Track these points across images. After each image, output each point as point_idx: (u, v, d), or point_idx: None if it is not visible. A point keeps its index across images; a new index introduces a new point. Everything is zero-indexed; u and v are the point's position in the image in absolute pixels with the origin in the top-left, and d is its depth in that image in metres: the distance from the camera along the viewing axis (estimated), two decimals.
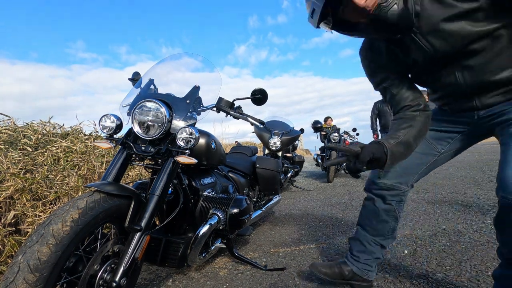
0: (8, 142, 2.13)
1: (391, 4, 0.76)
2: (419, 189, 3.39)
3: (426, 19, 0.81)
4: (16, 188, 1.66)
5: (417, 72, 0.98)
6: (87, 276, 0.90)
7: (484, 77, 0.83)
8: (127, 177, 2.65)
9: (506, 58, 0.78)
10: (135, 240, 1.00)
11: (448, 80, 0.90)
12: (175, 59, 1.48)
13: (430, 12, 0.80)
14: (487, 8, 0.73)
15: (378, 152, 0.86)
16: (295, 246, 1.87)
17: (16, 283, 0.73)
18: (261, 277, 1.46)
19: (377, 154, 0.85)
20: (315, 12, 0.80)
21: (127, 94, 1.33)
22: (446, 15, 0.77)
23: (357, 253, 1.23)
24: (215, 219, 1.39)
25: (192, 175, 1.55)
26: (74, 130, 2.84)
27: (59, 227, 0.81)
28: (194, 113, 1.27)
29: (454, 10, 0.76)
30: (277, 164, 2.42)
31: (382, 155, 0.86)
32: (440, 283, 1.27)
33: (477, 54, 0.80)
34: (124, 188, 1.02)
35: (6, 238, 1.46)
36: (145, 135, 1.15)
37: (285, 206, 3.19)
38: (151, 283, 1.46)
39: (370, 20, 0.80)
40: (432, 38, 0.83)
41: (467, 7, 0.74)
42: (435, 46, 0.84)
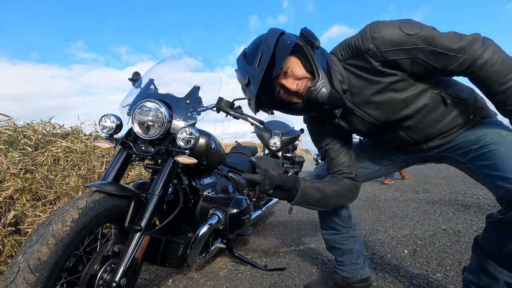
0: (8, 142, 2.13)
1: (319, 87, 0.82)
2: (419, 189, 3.40)
3: (359, 95, 0.90)
4: (16, 188, 1.66)
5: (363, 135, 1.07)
6: (87, 276, 0.90)
7: (424, 132, 0.94)
8: (127, 177, 2.65)
9: (435, 115, 0.89)
10: (135, 240, 0.99)
11: (394, 138, 1.00)
12: (175, 59, 1.48)
13: (360, 89, 0.90)
14: (406, 78, 0.84)
15: (289, 184, 0.89)
16: (295, 246, 1.87)
17: (16, 283, 0.73)
18: (261, 277, 1.46)
19: (288, 185, 0.88)
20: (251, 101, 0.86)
21: (127, 94, 1.33)
22: (374, 90, 0.87)
23: (340, 258, 1.24)
24: (215, 219, 1.39)
25: (192, 175, 1.54)
26: (74, 130, 2.84)
27: (59, 227, 0.81)
28: (194, 113, 1.27)
29: (380, 85, 0.86)
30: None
31: (293, 188, 0.89)
32: (440, 283, 1.27)
33: (411, 117, 0.90)
34: (124, 188, 1.02)
35: (6, 238, 1.46)
36: (145, 135, 1.15)
37: (285, 206, 3.19)
38: (151, 283, 1.46)
39: (305, 101, 0.86)
40: (368, 109, 0.92)
41: (389, 80, 0.85)
42: (372, 116, 0.93)
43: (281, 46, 0.83)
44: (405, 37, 0.78)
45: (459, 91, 0.91)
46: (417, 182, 3.96)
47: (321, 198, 0.95)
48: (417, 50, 0.79)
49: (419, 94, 0.86)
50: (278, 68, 0.82)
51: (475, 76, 0.80)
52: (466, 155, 0.90)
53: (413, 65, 0.82)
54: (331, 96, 0.84)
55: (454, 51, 0.78)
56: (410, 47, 0.79)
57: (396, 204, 2.77)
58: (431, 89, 0.87)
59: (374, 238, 1.90)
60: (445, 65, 0.80)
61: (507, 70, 0.77)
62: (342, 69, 0.89)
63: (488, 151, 0.83)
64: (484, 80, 0.80)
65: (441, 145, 0.97)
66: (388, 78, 0.85)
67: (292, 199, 0.90)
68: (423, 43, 0.78)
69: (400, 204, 2.78)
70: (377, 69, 0.84)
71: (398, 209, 2.58)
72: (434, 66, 0.81)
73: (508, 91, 0.77)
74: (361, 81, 0.88)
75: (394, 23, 0.80)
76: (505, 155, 0.78)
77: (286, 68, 0.85)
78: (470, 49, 0.77)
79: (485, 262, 0.81)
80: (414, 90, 0.86)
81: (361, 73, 0.87)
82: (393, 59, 0.81)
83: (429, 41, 0.78)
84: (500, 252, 0.77)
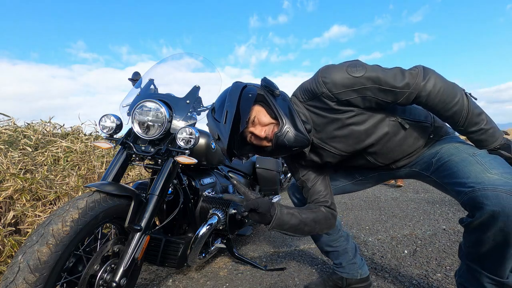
0: (8, 142, 2.13)
1: (284, 132, 0.89)
2: (419, 189, 3.40)
3: (323, 132, 0.97)
4: (16, 188, 1.66)
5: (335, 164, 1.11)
6: (87, 276, 0.90)
7: (389, 156, 1.00)
8: (127, 177, 2.65)
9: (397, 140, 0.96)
10: (135, 240, 1.00)
11: (363, 163, 1.06)
12: (176, 59, 1.48)
13: (323, 126, 0.96)
14: (363, 112, 0.91)
15: (264, 208, 0.92)
16: (295, 246, 1.87)
17: (16, 283, 0.73)
18: (261, 277, 1.46)
19: (263, 209, 0.91)
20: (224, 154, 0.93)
21: (127, 94, 1.33)
22: (336, 126, 0.94)
23: (337, 260, 1.25)
24: (215, 219, 1.39)
25: (192, 175, 1.55)
26: (74, 130, 2.84)
27: (59, 227, 0.81)
28: (194, 113, 1.27)
29: (340, 121, 0.93)
30: (277, 164, 2.42)
31: (267, 213, 0.92)
32: (440, 283, 1.27)
33: (375, 144, 0.96)
34: (124, 188, 1.02)
35: (6, 238, 1.46)
36: (145, 135, 1.15)
37: None
38: (151, 283, 1.46)
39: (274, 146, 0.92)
40: (334, 144, 0.99)
41: (347, 116, 0.91)
42: (339, 148, 0.99)
43: (244, 100, 0.90)
44: (352, 79, 0.85)
45: (416, 115, 0.97)
46: (417, 182, 3.96)
47: (297, 224, 0.98)
48: (365, 89, 0.86)
49: (378, 123, 0.93)
50: (244, 122, 0.88)
51: (423, 105, 0.89)
52: (429, 169, 0.96)
53: (365, 101, 0.89)
54: (297, 139, 0.90)
55: (398, 88, 0.85)
56: (359, 88, 0.86)
57: (396, 204, 2.77)
58: (388, 118, 0.93)
59: (374, 238, 1.90)
60: (393, 99, 0.87)
61: (449, 98, 0.84)
62: (305, 109, 0.96)
63: (445, 162, 0.90)
64: (432, 108, 0.87)
65: (407, 164, 1.05)
66: (345, 114, 0.92)
67: (267, 223, 0.94)
68: (369, 82, 0.85)
69: (400, 204, 2.78)
70: (334, 108, 0.91)
71: (398, 209, 2.58)
72: (384, 101, 0.88)
73: (455, 115, 0.86)
74: (322, 119, 0.95)
75: (342, 67, 0.87)
76: (458, 163, 0.85)
77: (252, 118, 0.92)
78: (413, 84, 0.84)
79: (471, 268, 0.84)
80: (373, 121, 0.93)
81: (321, 112, 0.94)
82: (346, 99, 0.88)
83: (375, 80, 0.85)
84: (478, 254, 0.80)
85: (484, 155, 0.84)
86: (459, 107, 0.85)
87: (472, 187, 0.75)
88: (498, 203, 0.69)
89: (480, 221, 0.73)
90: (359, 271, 1.23)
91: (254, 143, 0.97)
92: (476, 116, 0.86)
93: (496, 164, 0.80)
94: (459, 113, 0.85)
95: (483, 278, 0.81)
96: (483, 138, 0.87)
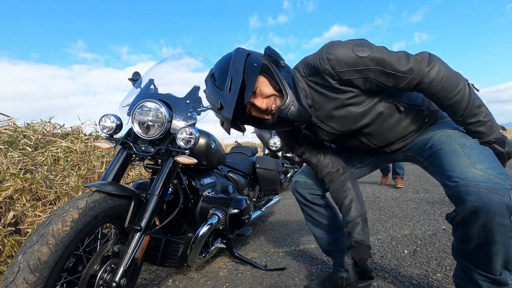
0: (8, 142, 2.13)
1: (288, 106, 0.87)
2: (419, 189, 3.40)
3: (320, 110, 0.97)
4: (16, 188, 1.66)
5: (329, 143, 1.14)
6: (87, 276, 0.90)
7: (383, 137, 1.01)
8: (127, 177, 2.65)
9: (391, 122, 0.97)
10: (135, 240, 0.99)
11: (357, 144, 1.07)
12: (176, 59, 1.48)
13: (321, 104, 0.96)
14: (361, 94, 0.91)
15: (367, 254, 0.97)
16: (295, 246, 1.87)
17: (16, 283, 0.73)
18: (261, 277, 1.46)
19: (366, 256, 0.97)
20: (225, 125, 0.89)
21: (127, 94, 1.33)
22: (334, 105, 0.94)
23: (338, 259, 1.25)
24: (215, 219, 1.39)
25: (192, 175, 1.55)
26: (74, 130, 2.84)
27: (59, 227, 0.81)
28: (194, 113, 1.27)
29: (338, 101, 0.93)
30: (277, 164, 2.42)
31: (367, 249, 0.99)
32: (440, 283, 1.27)
33: (370, 125, 0.97)
34: (124, 188, 1.02)
35: (6, 238, 1.46)
36: (145, 135, 1.15)
37: (285, 206, 3.19)
38: (151, 283, 1.46)
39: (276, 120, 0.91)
40: (330, 123, 0.99)
41: (346, 97, 0.91)
42: (334, 128, 1.00)
43: (249, 69, 0.86)
44: (357, 59, 0.84)
45: (412, 99, 0.97)
46: (417, 182, 3.96)
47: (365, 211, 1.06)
48: (368, 71, 0.85)
49: (375, 105, 0.93)
50: (249, 92, 0.84)
51: (425, 92, 0.88)
52: (422, 155, 0.98)
53: (366, 83, 0.88)
54: (299, 113, 0.89)
55: (402, 72, 0.84)
56: (362, 68, 0.85)
57: (396, 204, 2.77)
58: (385, 100, 0.94)
59: (374, 238, 1.90)
60: (395, 83, 0.86)
61: (452, 86, 0.84)
62: (305, 85, 0.94)
63: (436, 150, 0.90)
64: (434, 95, 0.87)
65: (402, 147, 1.05)
66: (345, 95, 0.91)
67: None
68: (373, 64, 0.84)
69: (400, 204, 2.78)
70: (335, 87, 0.90)
71: (398, 209, 2.58)
72: (385, 84, 0.87)
73: (455, 105, 0.86)
74: (321, 97, 0.94)
75: (348, 45, 0.85)
76: (448, 153, 0.85)
77: (254, 88, 0.88)
78: (417, 70, 0.83)
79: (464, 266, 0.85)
80: (370, 103, 0.93)
81: (321, 89, 0.93)
82: (348, 79, 0.87)
83: (379, 62, 0.84)
84: (467, 251, 0.81)
85: (473, 146, 0.85)
86: (460, 96, 0.84)
87: (456, 182, 0.77)
88: (479, 199, 0.71)
89: (462, 215, 0.76)
90: None
91: (253, 115, 0.95)
92: (476, 108, 0.86)
93: (483, 157, 0.81)
94: (459, 102, 0.85)
95: (476, 276, 0.82)
96: (480, 130, 0.88)
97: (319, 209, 1.21)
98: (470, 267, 0.83)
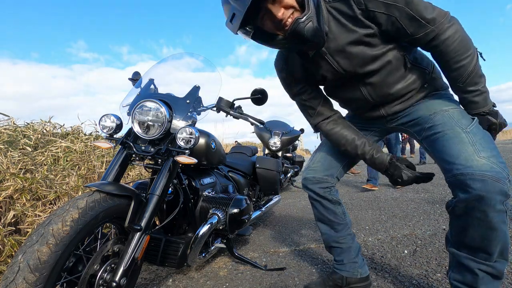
0: (8, 142, 2.13)
1: (306, 20, 0.84)
2: (419, 189, 3.40)
3: (334, 41, 0.94)
4: (16, 188, 1.66)
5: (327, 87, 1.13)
6: (87, 276, 0.90)
7: (383, 91, 1.00)
8: (127, 177, 2.65)
9: (396, 76, 0.97)
10: (135, 240, 0.99)
11: (355, 95, 1.05)
12: (176, 59, 1.48)
13: (336, 34, 0.93)
14: (378, 35, 0.91)
15: None
16: (295, 246, 1.87)
17: (16, 283, 0.73)
18: (261, 277, 1.46)
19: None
20: (236, 17, 0.84)
21: (127, 94, 1.33)
22: (350, 39, 0.92)
23: (338, 257, 1.24)
24: (215, 219, 1.39)
25: (192, 175, 1.55)
26: (74, 130, 2.84)
27: (59, 227, 0.81)
28: (194, 113, 1.27)
29: (355, 35, 0.91)
30: (277, 164, 2.42)
31: None
32: (440, 283, 1.27)
33: (375, 74, 0.97)
34: (124, 188, 1.02)
35: (6, 238, 1.46)
36: (145, 135, 1.15)
37: (285, 206, 3.19)
38: (151, 283, 1.46)
39: (288, 34, 0.87)
40: (338, 58, 0.96)
41: (364, 32, 0.90)
42: (341, 65, 0.97)
43: None
44: None
45: (419, 59, 0.99)
46: None
47: None
48: (395, 8, 0.85)
49: (387, 52, 0.94)
50: None
51: (437, 50, 0.88)
52: (421, 134, 0.98)
53: (388, 23, 0.87)
54: (316, 33, 0.86)
55: (425, 20, 0.84)
56: (390, 3, 0.84)
57: (396, 204, 2.77)
58: (397, 50, 0.94)
59: (374, 238, 1.90)
60: (414, 31, 0.86)
61: (463, 49, 0.85)
62: (325, 11, 0.92)
63: (437, 133, 0.91)
64: (444, 55, 0.87)
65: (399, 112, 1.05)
66: (363, 30, 0.90)
67: None
68: (401, 2, 0.84)
69: (400, 204, 2.78)
70: (357, 17, 0.88)
71: (398, 209, 2.58)
72: (405, 29, 0.87)
73: (461, 68, 0.86)
74: (339, 27, 0.92)
75: None
76: (451, 139, 0.86)
77: None
78: (439, 23, 0.84)
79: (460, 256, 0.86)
80: (383, 49, 0.93)
81: (342, 19, 0.90)
82: (373, 11, 0.86)
83: (408, 2, 0.84)
84: (464, 239, 0.83)
85: (475, 131, 0.86)
86: (468, 62, 0.85)
87: (460, 170, 0.79)
88: (484, 188, 0.74)
89: (465, 204, 0.78)
90: (359, 270, 1.23)
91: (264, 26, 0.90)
92: (478, 77, 0.87)
93: (486, 144, 0.83)
94: (465, 68, 0.86)
95: (472, 264, 0.83)
96: (477, 100, 0.89)
97: (329, 204, 1.21)
98: (466, 256, 0.84)
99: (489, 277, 0.82)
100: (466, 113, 0.92)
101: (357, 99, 1.06)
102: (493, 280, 0.83)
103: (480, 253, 0.82)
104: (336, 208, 1.22)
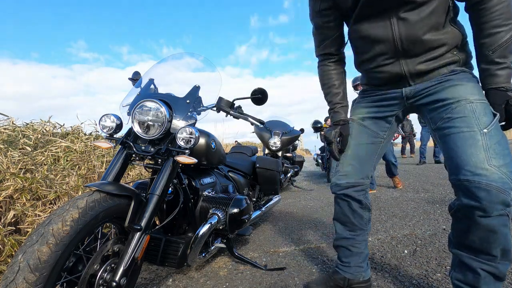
0: (7, 141, 2.13)
1: None
2: (419, 189, 3.40)
3: None
4: (16, 188, 1.66)
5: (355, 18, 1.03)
6: (87, 276, 0.90)
7: (415, 33, 0.92)
8: (127, 177, 2.65)
9: (433, 21, 0.90)
10: (135, 239, 0.99)
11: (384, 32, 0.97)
12: (176, 59, 1.48)
13: None
14: None
15: None
16: (295, 246, 1.87)
17: (16, 283, 0.73)
18: (261, 277, 1.46)
19: None
20: None
21: (127, 94, 1.33)
22: None
23: (346, 259, 1.22)
24: (215, 219, 1.39)
25: (192, 175, 1.55)
26: (74, 129, 2.84)
27: (59, 226, 0.81)
28: (194, 113, 1.27)
29: None
30: (277, 164, 2.42)
31: None
32: (440, 283, 1.27)
33: (414, 9, 0.90)
34: (124, 187, 1.02)
35: (6, 238, 1.46)
36: (145, 134, 1.15)
37: (285, 206, 3.19)
38: (151, 282, 1.46)
39: None
40: None
41: None
42: None
43: None
44: None
45: (457, 22, 0.96)
46: (417, 182, 3.96)
47: None
48: None
49: None
50: None
51: (480, 8, 0.85)
52: (436, 122, 0.95)
53: None
54: None
55: None
56: None
57: (396, 204, 2.78)
58: None
59: (374, 238, 1.90)
60: None
61: (506, 15, 0.83)
62: None
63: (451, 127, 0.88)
64: (485, 16, 0.85)
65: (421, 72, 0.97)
66: None
67: None
68: None
69: (400, 204, 2.78)
70: None
71: (398, 209, 2.58)
72: None
73: (497, 35, 0.84)
74: None
75: None
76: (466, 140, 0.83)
77: None
78: None
79: (463, 256, 0.87)
80: None
81: None
82: None
83: None
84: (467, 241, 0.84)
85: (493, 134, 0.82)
86: (506, 29, 0.83)
87: (467, 176, 0.79)
88: (488, 198, 0.76)
89: (467, 209, 0.80)
90: (363, 273, 1.21)
91: None
92: (509, 52, 0.85)
93: (500, 150, 0.81)
94: (501, 36, 0.84)
95: (474, 263, 0.84)
96: (500, 74, 0.87)
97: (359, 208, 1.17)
98: (469, 256, 0.85)
99: (491, 277, 0.82)
100: (489, 108, 0.87)
101: (383, 40, 0.98)
102: (495, 281, 0.83)
103: (482, 254, 0.83)
104: (364, 213, 1.19)
